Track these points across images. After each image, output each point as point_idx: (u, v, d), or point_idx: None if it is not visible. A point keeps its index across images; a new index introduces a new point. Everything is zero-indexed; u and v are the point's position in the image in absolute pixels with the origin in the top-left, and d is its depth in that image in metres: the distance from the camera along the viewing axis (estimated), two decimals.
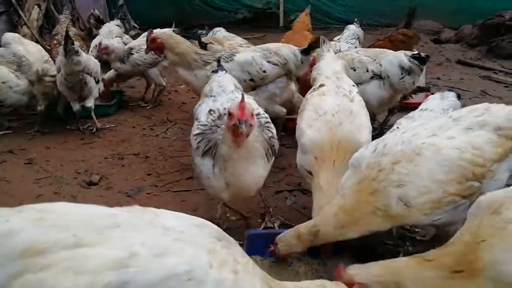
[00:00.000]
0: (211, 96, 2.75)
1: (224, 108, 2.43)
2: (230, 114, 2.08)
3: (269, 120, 2.62)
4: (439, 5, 9.58)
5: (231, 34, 5.84)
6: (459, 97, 3.10)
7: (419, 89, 4.08)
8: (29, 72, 4.72)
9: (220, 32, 5.81)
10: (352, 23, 6.52)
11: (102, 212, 1.30)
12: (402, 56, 3.61)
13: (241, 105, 2.02)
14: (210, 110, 2.54)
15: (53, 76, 4.64)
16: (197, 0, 11.43)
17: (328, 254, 2.39)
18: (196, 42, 4.85)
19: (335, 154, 2.41)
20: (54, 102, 4.93)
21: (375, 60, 3.74)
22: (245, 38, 5.92)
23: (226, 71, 3.14)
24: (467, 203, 1.96)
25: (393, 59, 3.66)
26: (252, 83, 3.69)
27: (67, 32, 4.24)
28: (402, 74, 3.58)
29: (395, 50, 3.93)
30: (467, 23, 9.01)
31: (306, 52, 3.67)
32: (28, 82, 4.72)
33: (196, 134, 2.48)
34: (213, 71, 3.19)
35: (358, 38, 6.22)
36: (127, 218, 1.30)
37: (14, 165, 4.08)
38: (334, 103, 2.64)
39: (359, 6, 10.89)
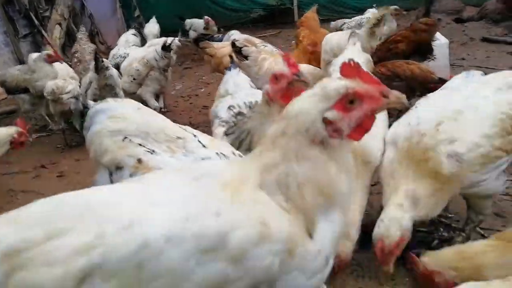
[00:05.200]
0: (228, 95, 2.71)
1: (245, 103, 2.37)
2: (277, 77, 1.91)
3: None
4: None
5: (244, 35, 5.85)
6: None
7: (441, 80, 3.99)
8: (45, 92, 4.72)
9: (234, 35, 5.82)
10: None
11: (74, 197, 1.23)
12: None
13: (290, 61, 1.83)
14: (230, 106, 2.48)
15: (68, 92, 4.59)
16: (212, 4, 11.53)
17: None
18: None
19: None
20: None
21: None
22: (260, 37, 5.92)
23: (239, 68, 3.07)
24: (505, 164, 2.04)
25: None
26: None
27: (96, 52, 4.43)
28: None
29: (418, 39, 3.94)
30: None
31: None
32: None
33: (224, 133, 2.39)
34: (226, 69, 3.13)
35: None
36: (100, 197, 1.25)
37: (47, 179, 4.24)
38: None
39: None
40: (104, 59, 4.47)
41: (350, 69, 1.30)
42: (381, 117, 2.51)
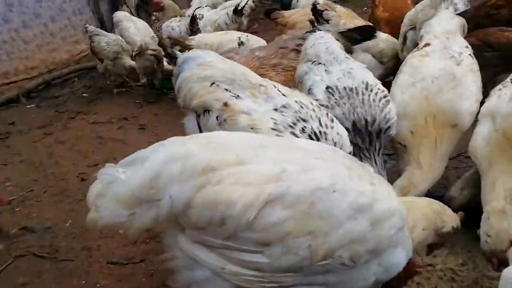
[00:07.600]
0: (319, 63, 2.48)
1: (344, 88, 2.29)
2: None
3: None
4: None
5: None
6: None
7: None
8: (132, 49, 5.29)
9: None
10: None
11: (251, 136, 1.56)
12: None
13: None
14: (328, 88, 2.31)
15: (154, 49, 5.05)
16: None
17: None
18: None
19: (432, 130, 2.16)
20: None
21: None
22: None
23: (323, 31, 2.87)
24: None
25: None
26: None
27: (193, 14, 4.95)
28: None
29: None
30: None
31: None
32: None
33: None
34: (308, 31, 3.03)
35: None
36: (271, 142, 1.50)
37: (129, 130, 4.60)
38: (436, 67, 2.33)
39: None
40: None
41: None
42: (472, 77, 2.34)
